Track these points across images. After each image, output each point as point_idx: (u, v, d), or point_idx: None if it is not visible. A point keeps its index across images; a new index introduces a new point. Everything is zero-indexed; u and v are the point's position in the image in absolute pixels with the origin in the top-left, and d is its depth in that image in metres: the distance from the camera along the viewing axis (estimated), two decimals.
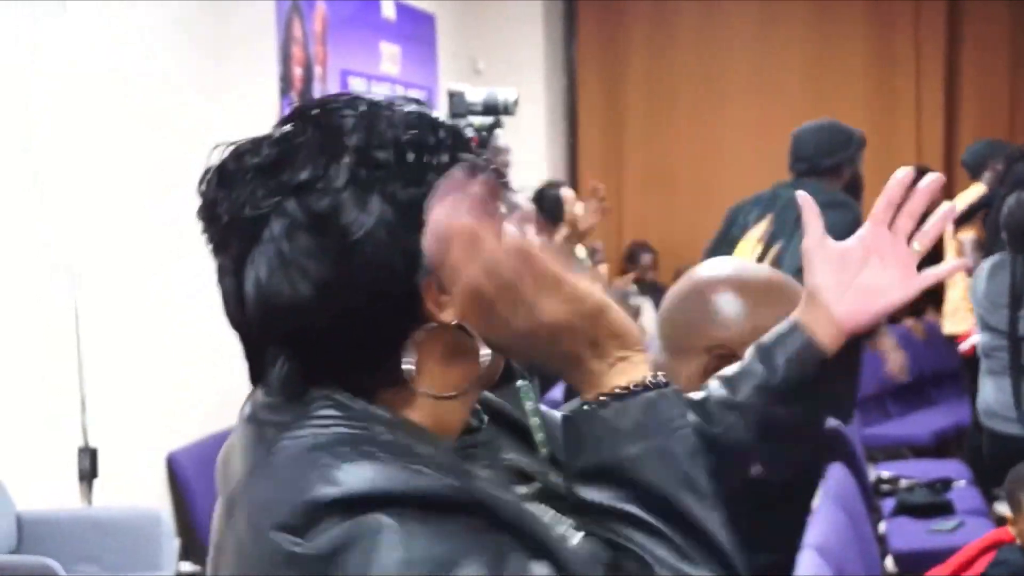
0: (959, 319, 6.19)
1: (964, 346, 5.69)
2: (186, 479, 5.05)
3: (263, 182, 1.07)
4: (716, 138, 8.79)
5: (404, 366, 1.08)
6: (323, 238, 1.04)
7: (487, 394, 1.21)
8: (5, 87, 4.04)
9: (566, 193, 5.56)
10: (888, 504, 5.19)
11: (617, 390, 1.05)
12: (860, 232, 1.36)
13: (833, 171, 4.49)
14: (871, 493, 4.89)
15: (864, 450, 5.31)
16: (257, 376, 1.13)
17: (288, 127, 1.10)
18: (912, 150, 8.46)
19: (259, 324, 1.08)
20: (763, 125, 8.56)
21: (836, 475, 3.93)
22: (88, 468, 4.62)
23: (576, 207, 5.22)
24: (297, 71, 6.25)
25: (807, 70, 8.72)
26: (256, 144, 1.10)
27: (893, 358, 5.13)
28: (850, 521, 3.69)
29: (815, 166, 4.42)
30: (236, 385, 1.16)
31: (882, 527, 4.84)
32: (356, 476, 0.99)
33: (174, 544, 4.36)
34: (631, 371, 1.06)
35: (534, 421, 1.22)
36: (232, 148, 1.11)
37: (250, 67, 5.89)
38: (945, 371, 6.88)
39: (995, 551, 3.62)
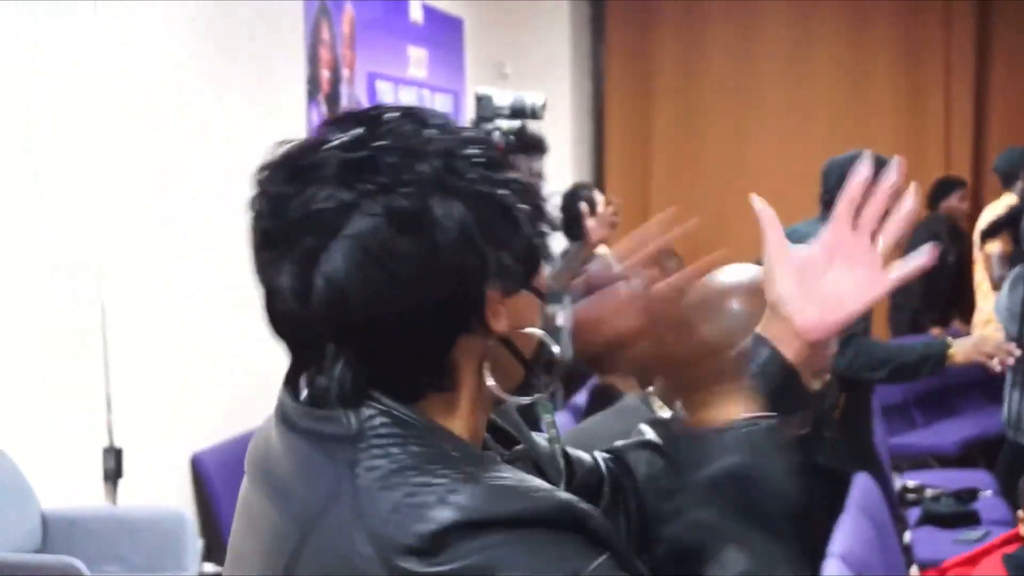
0: (990, 331, 6.15)
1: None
2: (210, 480, 5.06)
3: (346, 180, 1.07)
4: (745, 143, 8.76)
5: (487, 381, 1.13)
6: (408, 237, 1.06)
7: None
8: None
9: (583, 207, 5.55)
10: (913, 513, 5.16)
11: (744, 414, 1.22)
12: (823, 235, 1.31)
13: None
14: (897, 502, 4.86)
15: (889, 459, 5.28)
16: (296, 377, 1.14)
17: (356, 131, 1.10)
18: (941, 159, 8.43)
19: (324, 319, 1.07)
20: (793, 130, 8.54)
21: (862, 484, 3.92)
22: (113, 468, 4.64)
23: (588, 220, 5.26)
24: (325, 74, 6.27)
25: (837, 76, 8.69)
26: (318, 144, 1.11)
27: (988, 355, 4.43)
28: (875, 530, 3.67)
29: (837, 198, 4.34)
30: (260, 386, 1.16)
31: (907, 537, 4.81)
32: (473, 498, 1.03)
33: (198, 545, 4.37)
34: (738, 400, 1.23)
35: (552, 435, 1.27)
36: (293, 146, 1.12)
37: (277, 69, 5.90)
38: (971, 381, 6.84)
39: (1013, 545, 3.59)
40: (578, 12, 9.11)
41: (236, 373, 5.19)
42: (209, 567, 4.56)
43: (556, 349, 1.17)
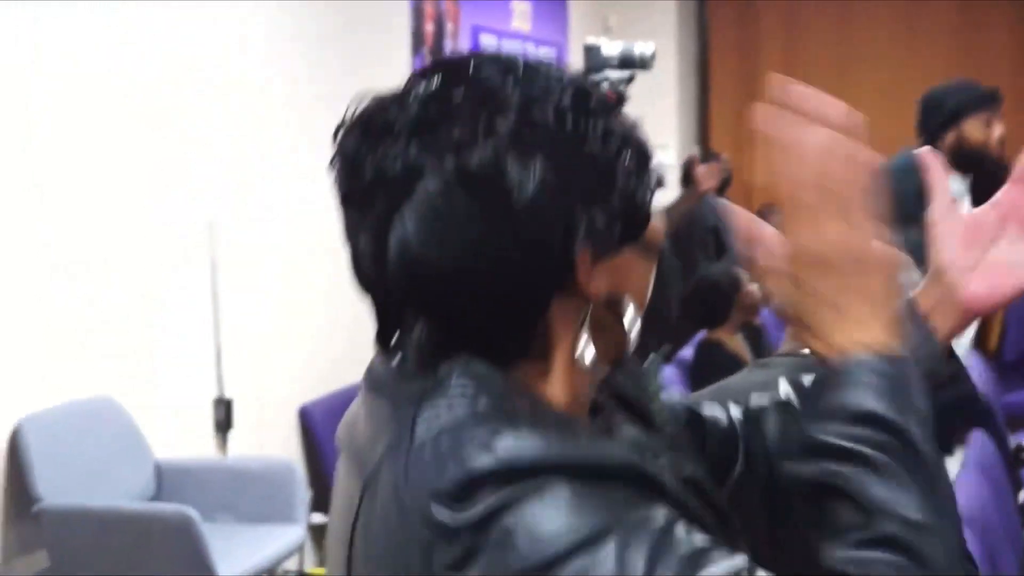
0: None
1: None
2: (317, 432, 5.11)
3: (419, 137, 1.00)
4: (853, 99, 8.52)
5: (577, 351, 1.05)
6: (482, 198, 0.98)
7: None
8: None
9: (695, 154, 5.55)
10: None
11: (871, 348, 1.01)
12: (996, 196, 1.18)
13: (931, 136, 4.18)
14: (1011, 462, 4.76)
15: (1007, 418, 5.17)
16: (385, 339, 1.08)
17: (437, 81, 1.03)
18: None
19: (401, 285, 1.01)
20: (901, 89, 8.32)
21: (978, 442, 3.83)
22: (223, 419, 4.69)
23: (699, 168, 5.24)
24: (429, 27, 6.25)
25: (948, 34, 8.48)
26: (401, 98, 1.03)
27: None
28: (993, 490, 3.59)
29: (917, 132, 4.21)
30: (366, 341, 1.11)
31: (1022, 496, 4.71)
32: (516, 444, 0.94)
33: (307, 495, 4.41)
34: (872, 332, 1.02)
35: (658, 399, 1.18)
36: (374, 100, 1.05)
37: (382, 22, 5.90)
38: None
39: None
40: None
41: (343, 326, 5.21)
42: (317, 517, 4.61)
43: (634, 322, 1.08)
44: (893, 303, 1.03)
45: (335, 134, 1.06)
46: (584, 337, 1.05)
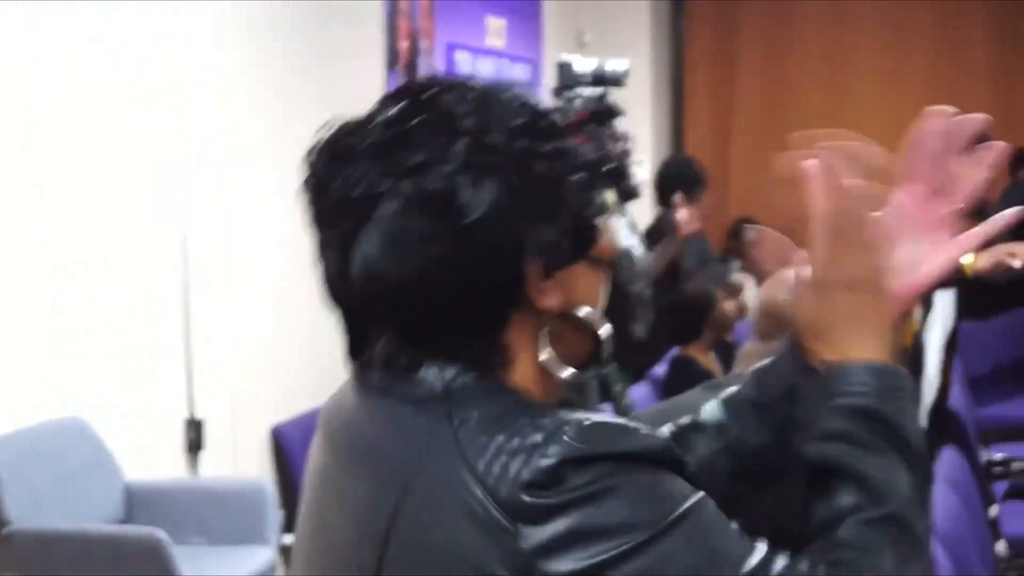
0: None
1: None
2: (290, 452, 5.08)
3: (378, 162, 1.08)
4: (834, 114, 8.58)
5: (541, 357, 1.12)
6: (436, 220, 1.06)
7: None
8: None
9: (677, 199, 5.53)
10: (1000, 488, 5.06)
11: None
12: (893, 201, 1.23)
13: None
14: (983, 476, 4.77)
15: (979, 432, 5.18)
16: (354, 350, 1.15)
17: (400, 107, 1.11)
18: None
19: (364, 301, 1.09)
20: (885, 102, 8.37)
21: (948, 458, 3.84)
22: (194, 439, 4.67)
23: (679, 213, 5.25)
24: (403, 44, 6.25)
25: (931, 46, 8.53)
26: (366, 122, 1.11)
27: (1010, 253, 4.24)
28: (963, 504, 3.60)
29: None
30: (340, 359, 1.16)
31: (993, 511, 4.72)
32: (583, 435, 1.04)
33: (279, 516, 4.39)
34: (875, 346, 1.16)
35: (624, 403, 1.27)
36: (342, 125, 1.13)
37: (356, 40, 5.89)
38: None
39: None
40: None
41: (316, 346, 5.20)
42: (289, 538, 4.58)
43: (603, 329, 1.15)
44: (889, 324, 1.18)
45: (305, 158, 1.14)
46: (547, 348, 1.13)
